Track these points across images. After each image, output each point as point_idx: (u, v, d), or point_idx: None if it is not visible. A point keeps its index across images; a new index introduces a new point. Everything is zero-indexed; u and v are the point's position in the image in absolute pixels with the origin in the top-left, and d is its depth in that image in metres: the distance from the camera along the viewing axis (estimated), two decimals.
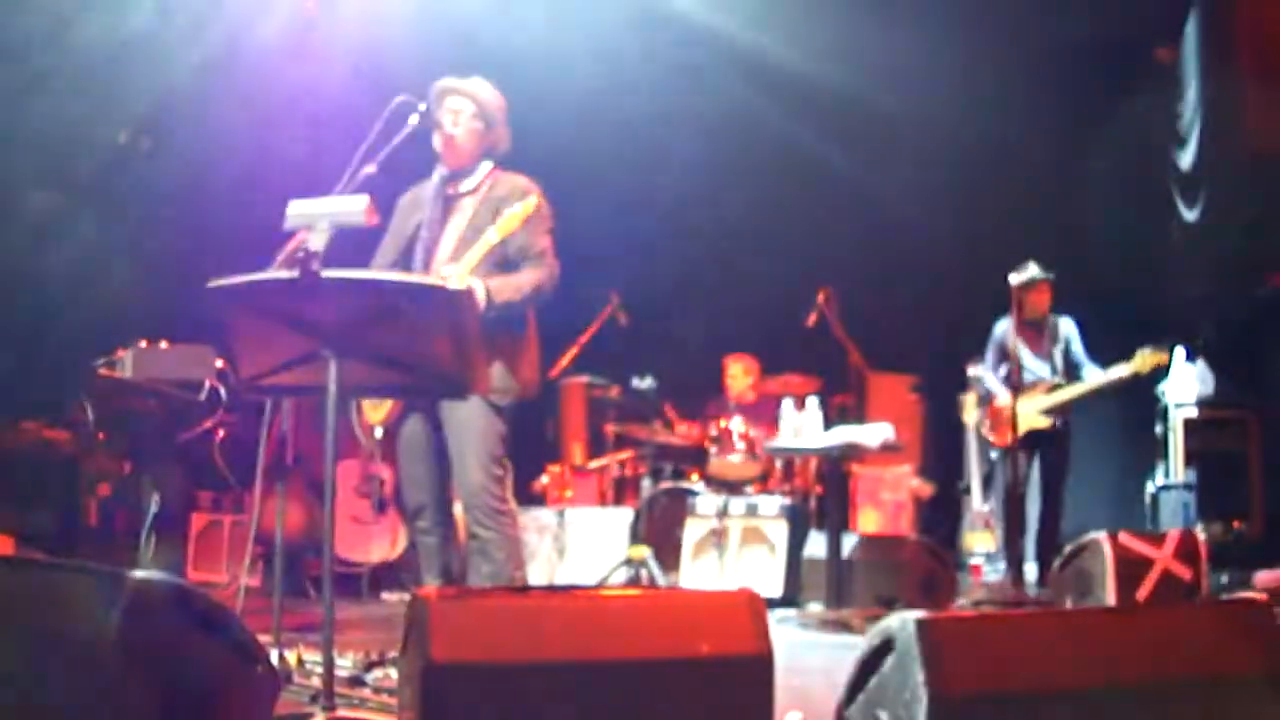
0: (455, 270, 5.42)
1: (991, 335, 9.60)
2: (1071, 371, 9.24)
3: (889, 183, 11.26)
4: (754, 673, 3.37)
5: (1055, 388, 9.09)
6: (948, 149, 11.01)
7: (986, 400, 9.66)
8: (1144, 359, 8.80)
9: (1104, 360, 9.07)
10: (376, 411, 5.76)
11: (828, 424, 9.04)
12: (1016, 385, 9.04)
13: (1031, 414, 9.00)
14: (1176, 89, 10.97)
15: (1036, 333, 9.07)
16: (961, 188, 10.98)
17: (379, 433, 5.84)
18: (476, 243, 5.50)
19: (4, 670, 3.25)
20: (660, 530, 9.59)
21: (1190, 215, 10.69)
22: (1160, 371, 9.06)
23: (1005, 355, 9.48)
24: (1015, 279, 9.09)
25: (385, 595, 9.07)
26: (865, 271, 10.98)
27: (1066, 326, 9.45)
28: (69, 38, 9.56)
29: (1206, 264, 10.65)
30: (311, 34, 10.49)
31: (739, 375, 10.69)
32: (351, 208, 4.11)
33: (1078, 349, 9.34)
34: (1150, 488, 10.26)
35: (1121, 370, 8.91)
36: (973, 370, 9.95)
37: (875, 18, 10.57)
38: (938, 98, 10.86)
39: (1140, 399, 10.48)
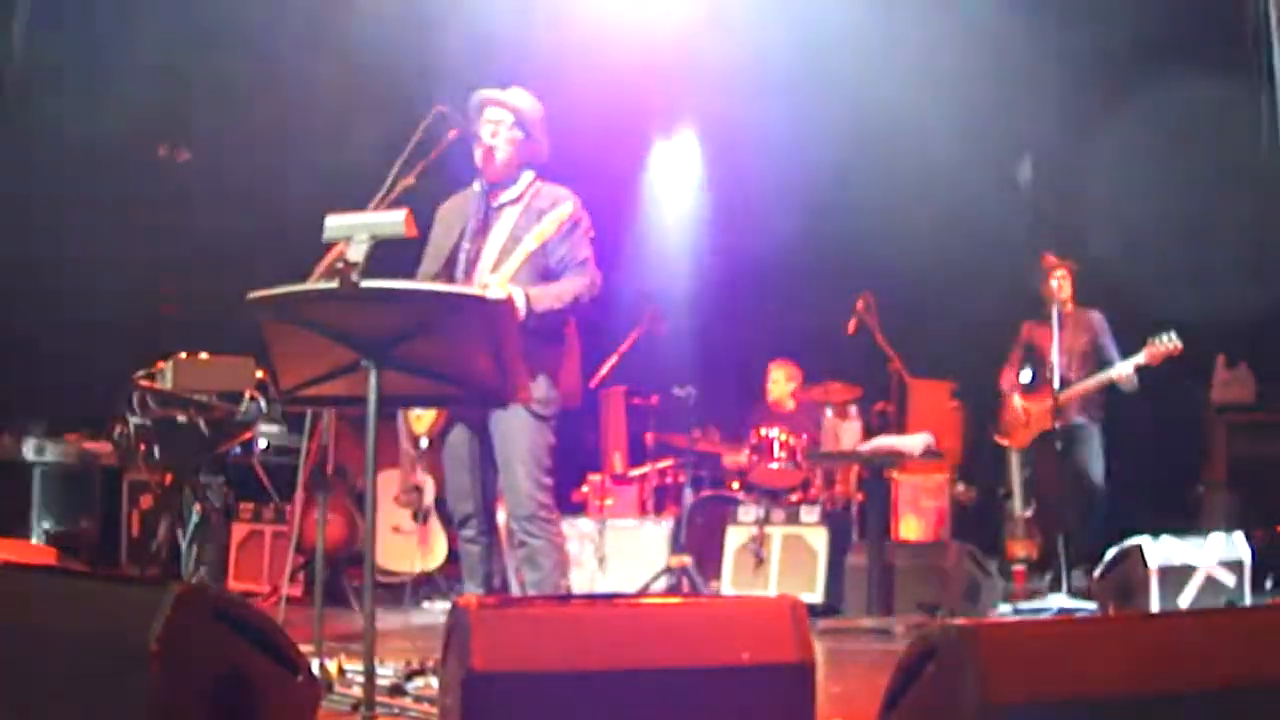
0: (495, 279, 5.42)
1: (1017, 333, 9.62)
2: (1099, 366, 9.18)
3: (929, 188, 11.21)
4: (795, 681, 3.36)
5: (1067, 383, 8.98)
6: (987, 149, 10.96)
7: (1003, 401, 9.65)
8: (1154, 349, 8.76)
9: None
10: (420, 422, 5.77)
11: (868, 431, 9.02)
12: (1033, 384, 9.04)
13: (1046, 412, 8.94)
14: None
15: (1061, 328, 8.95)
16: (1000, 189, 10.93)
17: (424, 443, 5.84)
18: (515, 251, 5.51)
19: (48, 680, 3.27)
20: (701, 538, 9.58)
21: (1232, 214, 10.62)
22: (1173, 361, 8.94)
23: (1028, 353, 9.48)
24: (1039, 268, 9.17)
25: (426, 604, 9.09)
26: (905, 278, 10.93)
27: (1094, 319, 9.39)
28: (110, 52, 9.63)
29: (1250, 265, 10.57)
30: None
31: (780, 381, 10.67)
32: (390, 220, 4.11)
33: (1106, 343, 9.27)
34: (1193, 493, 10.19)
35: (1129, 363, 8.87)
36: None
37: (914, 21, 10.55)
38: (977, 99, 10.82)
39: (1182, 402, 10.41)
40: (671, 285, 11.98)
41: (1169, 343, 8.77)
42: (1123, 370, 8.91)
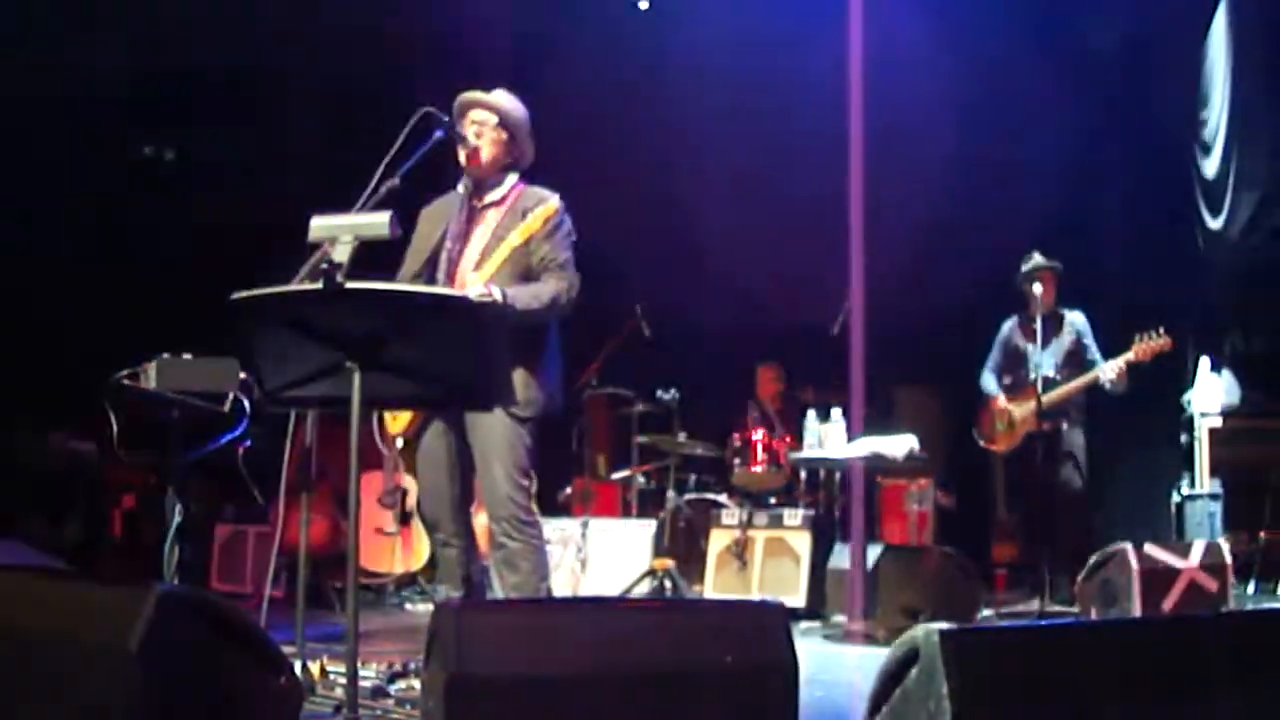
0: (475, 278, 5.41)
1: (998, 334, 9.61)
2: (1082, 367, 9.16)
3: (915, 191, 11.22)
4: (778, 684, 3.36)
5: (1051, 385, 8.96)
6: (975, 157, 10.98)
7: (984, 405, 9.64)
8: (1143, 345, 8.74)
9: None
10: (396, 423, 5.75)
11: (852, 434, 9.02)
12: (1015, 386, 9.07)
13: (1030, 415, 8.93)
14: (1200, 93, 10.92)
15: (1043, 328, 8.92)
16: (987, 198, 10.95)
17: (400, 444, 5.83)
18: (497, 250, 5.50)
19: (28, 681, 3.26)
20: (684, 541, 9.58)
21: (1215, 223, 10.65)
22: (1162, 358, 8.91)
23: (1010, 355, 9.47)
24: (1021, 269, 9.19)
25: (409, 606, 9.08)
26: (891, 281, 10.93)
27: (1076, 320, 9.35)
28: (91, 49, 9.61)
29: (1232, 272, 10.61)
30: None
31: (771, 383, 10.70)
32: (374, 221, 4.11)
33: (1089, 344, 9.25)
34: (1176, 498, 10.20)
35: (1118, 360, 8.84)
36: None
37: (909, 24, 10.56)
38: (964, 105, 10.84)
39: (1166, 408, 10.43)
40: (657, 287, 11.96)
41: (1158, 338, 8.75)
42: (1113, 368, 8.87)
